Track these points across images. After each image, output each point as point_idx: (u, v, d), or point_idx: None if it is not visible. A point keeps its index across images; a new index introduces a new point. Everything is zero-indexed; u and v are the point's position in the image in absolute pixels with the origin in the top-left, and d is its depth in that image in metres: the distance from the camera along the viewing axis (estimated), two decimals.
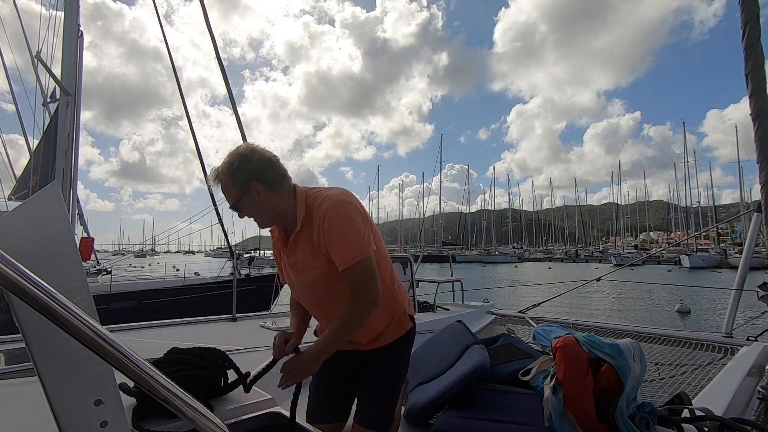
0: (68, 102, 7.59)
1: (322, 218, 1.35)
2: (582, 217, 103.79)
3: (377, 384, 1.52)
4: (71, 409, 0.73)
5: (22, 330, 0.69)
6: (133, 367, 0.59)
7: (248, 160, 1.40)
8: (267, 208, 1.43)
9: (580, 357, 1.63)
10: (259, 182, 1.40)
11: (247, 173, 1.39)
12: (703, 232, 52.51)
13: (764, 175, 2.28)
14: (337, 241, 1.33)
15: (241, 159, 1.40)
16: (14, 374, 1.79)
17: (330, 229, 1.34)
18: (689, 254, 42.90)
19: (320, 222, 1.35)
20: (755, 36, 2.21)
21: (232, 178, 1.40)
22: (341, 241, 1.33)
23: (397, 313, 1.54)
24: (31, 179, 7.74)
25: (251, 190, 1.40)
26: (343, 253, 1.33)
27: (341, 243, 1.33)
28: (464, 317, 3.71)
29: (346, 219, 1.36)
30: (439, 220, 78.95)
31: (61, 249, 0.74)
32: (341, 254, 1.33)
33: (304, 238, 1.41)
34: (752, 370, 2.35)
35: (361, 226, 1.37)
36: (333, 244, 1.34)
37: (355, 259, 1.33)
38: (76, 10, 7.67)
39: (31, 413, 1.24)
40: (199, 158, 6.67)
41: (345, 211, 1.36)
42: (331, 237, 1.34)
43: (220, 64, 5.99)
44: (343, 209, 1.36)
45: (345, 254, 1.33)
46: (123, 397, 0.77)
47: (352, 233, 1.34)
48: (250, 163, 1.40)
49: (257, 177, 1.40)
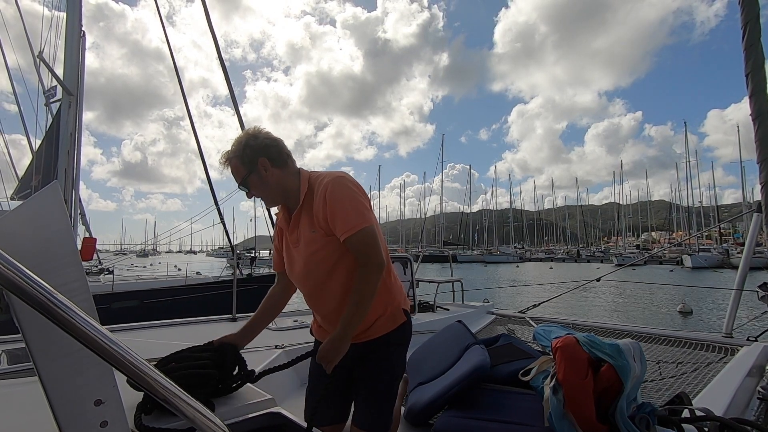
0: (70, 102, 7.61)
1: (324, 190, 1.42)
2: (584, 217, 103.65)
3: (373, 385, 1.52)
4: (71, 409, 0.73)
5: (22, 330, 0.69)
6: (132, 367, 0.59)
7: (255, 138, 1.49)
8: (273, 184, 1.51)
9: (580, 357, 1.63)
10: (266, 158, 1.48)
11: (254, 150, 1.48)
12: (705, 231, 52.36)
13: (764, 175, 2.27)
14: (339, 211, 1.40)
15: (249, 137, 1.49)
16: (14, 374, 1.80)
17: (332, 199, 1.40)
18: (691, 254, 42.77)
19: (322, 194, 1.42)
20: (755, 36, 2.20)
21: (241, 156, 1.48)
22: (343, 210, 1.40)
23: (391, 306, 1.54)
24: (34, 179, 7.76)
25: (259, 166, 1.48)
26: (345, 221, 1.39)
27: (343, 212, 1.40)
28: (464, 317, 3.71)
29: (348, 190, 1.43)
30: (440, 220, 78.92)
31: (61, 249, 0.75)
32: (343, 222, 1.39)
33: (306, 213, 1.48)
34: (752, 371, 2.34)
35: (361, 198, 1.44)
36: (335, 213, 1.40)
37: (357, 227, 1.39)
38: (78, 10, 7.70)
39: (31, 413, 1.25)
40: (201, 158, 6.68)
41: (346, 183, 1.44)
42: (333, 207, 1.40)
43: (222, 65, 6.01)
44: (344, 182, 1.44)
45: (347, 222, 1.39)
46: (130, 394, 0.77)
47: (353, 202, 1.42)
48: (257, 140, 1.49)
49: (264, 152, 1.48)
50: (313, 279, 1.51)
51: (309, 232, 1.46)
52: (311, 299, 1.57)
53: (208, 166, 6.61)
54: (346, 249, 1.43)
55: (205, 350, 1.48)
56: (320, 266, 1.47)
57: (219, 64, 6.01)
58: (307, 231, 1.47)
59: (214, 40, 5.93)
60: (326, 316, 1.56)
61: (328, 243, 1.43)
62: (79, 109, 7.72)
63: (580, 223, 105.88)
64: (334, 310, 1.49)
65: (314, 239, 1.45)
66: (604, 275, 4.44)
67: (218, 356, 1.45)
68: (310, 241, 1.46)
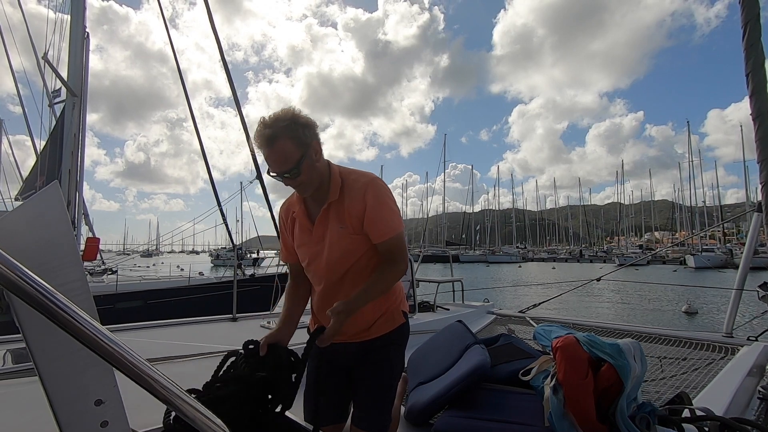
0: (74, 103, 7.64)
1: (364, 191, 1.40)
2: (586, 216, 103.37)
3: (371, 385, 1.51)
4: (71, 409, 0.73)
5: (22, 330, 0.70)
6: (133, 367, 0.59)
7: (302, 117, 1.32)
8: (317, 172, 1.38)
9: (581, 357, 1.63)
10: (317, 141, 1.36)
11: (310, 129, 1.32)
12: (708, 231, 52.12)
13: (764, 175, 2.27)
14: (380, 214, 1.39)
15: (296, 115, 1.30)
16: (14, 374, 1.81)
17: (375, 203, 1.39)
18: (694, 254, 42.57)
19: (361, 194, 1.39)
20: (755, 36, 2.20)
21: (296, 135, 1.29)
22: (383, 214, 1.40)
23: (391, 307, 1.54)
24: (38, 180, 7.79)
25: (311, 150, 1.34)
26: (385, 225, 1.40)
27: (383, 215, 1.40)
28: (464, 317, 3.71)
29: (387, 194, 1.44)
30: (442, 220, 78.81)
31: (61, 249, 0.75)
32: (384, 225, 1.40)
33: (336, 208, 1.43)
34: (753, 370, 2.34)
35: (395, 203, 1.46)
36: (376, 216, 1.39)
37: (394, 231, 1.41)
38: (82, 11, 7.73)
39: (31, 413, 1.25)
40: (204, 159, 6.72)
41: (387, 190, 1.45)
42: (374, 210, 1.39)
43: (225, 67, 6.04)
44: (385, 187, 1.44)
45: (388, 226, 1.40)
46: (130, 394, 0.77)
47: (393, 207, 1.43)
48: (308, 119, 1.33)
49: (316, 135, 1.35)
50: (333, 275, 1.47)
51: (337, 227, 1.42)
52: (325, 296, 1.50)
53: (210, 166, 6.64)
54: (368, 248, 1.44)
55: (255, 361, 1.27)
56: (344, 262, 1.44)
57: (222, 65, 6.05)
58: (335, 227, 1.42)
59: (217, 43, 5.96)
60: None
61: (354, 241, 1.42)
62: (82, 110, 7.75)
63: (583, 223, 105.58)
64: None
65: (342, 235, 1.41)
66: (604, 275, 4.43)
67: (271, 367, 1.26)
68: (339, 238, 1.42)
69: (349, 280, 1.46)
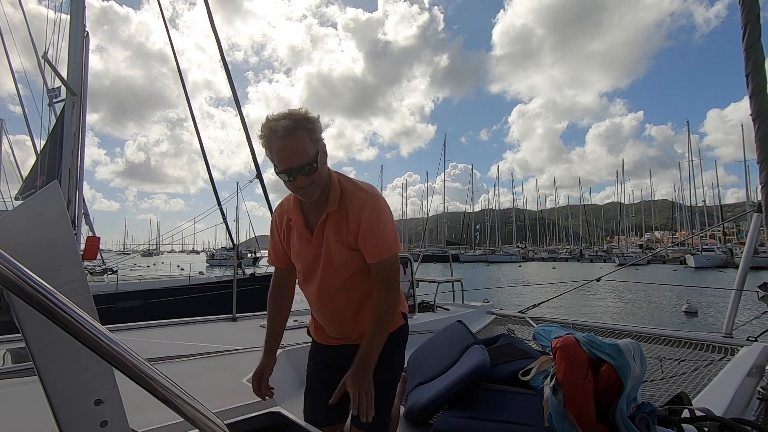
0: (74, 102, 7.64)
1: (361, 208, 1.35)
2: (586, 216, 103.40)
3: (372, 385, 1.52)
4: (71, 409, 0.72)
5: (22, 330, 0.69)
6: (132, 367, 0.59)
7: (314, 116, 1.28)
8: (324, 177, 1.34)
9: (580, 357, 1.63)
10: (324, 143, 1.33)
11: (320, 129, 1.28)
12: (708, 231, 52.15)
13: (765, 176, 2.27)
14: (375, 235, 1.35)
15: (309, 113, 1.26)
16: (14, 374, 1.81)
17: (370, 223, 1.35)
18: (694, 254, 42.60)
19: (358, 211, 1.35)
20: (755, 36, 2.20)
21: (312, 129, 1.25)
22: (379, 235, 1.36)
23: None
24: (38, 179, 7.80)
25: (320, 152, 1.29)
26: (380, 245, 1.36)
27: (380, 236, 1.36)
28: (464, 317, 3.71)
29: (386, 216, 1.39)
30: (442, 220, 78.82)
31: (61, 249, 0.74)
32: (378, 246, 1.36)
33: (333, 219, 1.39)
34: (752, 371, 2.34)
35: (393, 225, 1.41)
36: (370, 236, 1.35)
37: (388, 253, 1.37)
38: (82, 11, 7.74)
39: (31, 413, 1.25)
40: (204, 158, 6.72)
41: (385, 208, 1.40)
42: (371, 229, 1.35)
43: (225, 67, 6.05)
44: (383, 206, 1.40)
45: (381, 247, 1.36)
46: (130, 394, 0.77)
47: (388, 229, 1.38)
48: (318, 119, 1.29)
49: (323, 138, 1.32)
50: (328, 287, 1.47)
51: (333, 240, 1.38)
52: (320, 306, 1.53)
53: (210, 166, 6.64)
54: (365, 263, 1.41)
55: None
56: (340, 275, 1.43)
57: (222, 65, 6.05)
58: (332, 239, 1.39)
59: (217, 43, 5.97)
60: (331, 321, 1.55)
61: (349, 256, 1.39)
62: (82, 109, 7.76)
63: (583, 222, 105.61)
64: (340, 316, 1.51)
65: (338, 249, 1.39)
66: (604, 275, 4.43)
67: None
68: (334, 251, 1.40)
69: (346, 291, 1.45)
